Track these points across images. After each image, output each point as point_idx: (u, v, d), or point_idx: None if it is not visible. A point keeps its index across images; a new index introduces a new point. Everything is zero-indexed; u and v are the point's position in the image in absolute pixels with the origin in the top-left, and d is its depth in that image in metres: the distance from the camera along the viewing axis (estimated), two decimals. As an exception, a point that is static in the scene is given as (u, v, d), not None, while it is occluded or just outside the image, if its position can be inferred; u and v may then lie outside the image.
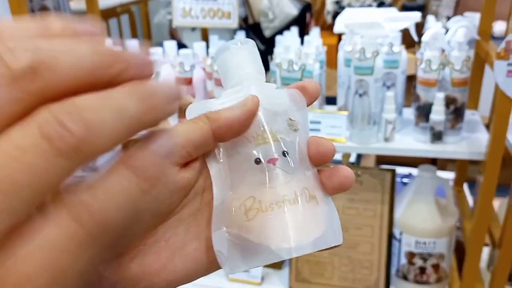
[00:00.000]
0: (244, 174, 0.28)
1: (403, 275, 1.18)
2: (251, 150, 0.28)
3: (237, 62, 0.30)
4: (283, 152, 0.28)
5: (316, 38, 1.14)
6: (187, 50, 1.16)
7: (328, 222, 0.28)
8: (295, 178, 0.28)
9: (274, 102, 0.29)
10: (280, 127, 0.28)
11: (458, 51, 0.98)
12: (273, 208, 0.27)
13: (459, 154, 1.02)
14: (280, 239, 0.26)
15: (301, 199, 0.27)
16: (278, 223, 0.26)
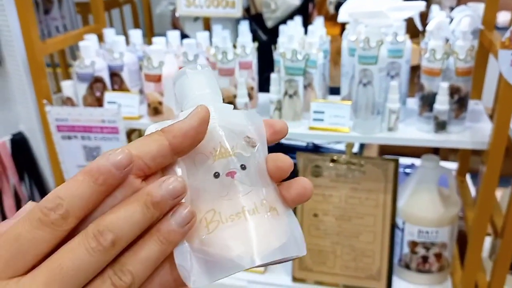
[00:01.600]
0: (204, 188, 0.28)
1: (405, 264, 1.19)
2: (209, 165, 0.29)
3: (193, 85, 0.31)
4: (241, 165, 0.29)
5: (320, 28, 1.14)
6: (190, 40, 1.16)
7: (290, 233, 0.28)
8: (254, 190, 0.28)
9: (231, 121, 0.30)
10: (238, 143, 0.29)
11: (462, 40, 0.97)
12: (233, 219, 0.27)
13: (462, 144, 1.03)
14: (241, 249, 0.27)
15: (261, 209, 0.28)
16: (238, 233, 0.27)
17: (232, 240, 0.27)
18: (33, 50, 1.15)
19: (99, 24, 1.38)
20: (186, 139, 0.28)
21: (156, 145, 0.27)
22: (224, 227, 0.27)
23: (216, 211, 0.28)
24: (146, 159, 0.27)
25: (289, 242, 0.28)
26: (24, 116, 1.31)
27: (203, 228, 0.28)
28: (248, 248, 0.27)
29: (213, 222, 0.27)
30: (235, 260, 0.26)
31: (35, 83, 1.20)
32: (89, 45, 1.15)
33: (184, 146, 0.28)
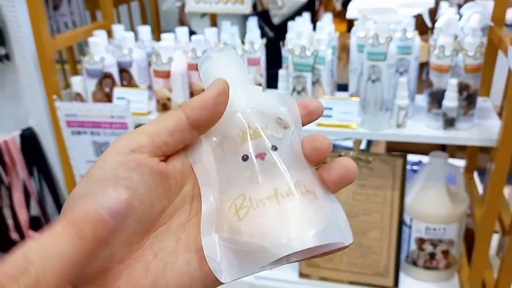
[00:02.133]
0: (233, 173, 0.26)
1: (412, 261, 1.19)
2: (237, 148, 0.27)
3: (219, 69, 0.29)
4: (271, 146, 0.26)
5: (329, 24, 1.14)
6: (199, 36, 1.16)
7: (332, 218, 0.25)
8: (287, 172, 0.26)
9: (261, 102, 0.28)
10: (268, 125, 0.27)
11: (471, 37, 0.97)
12: (264, 204, 0.25)
13: (471, 141, 1.02)
14: (275, 235, 0.24)
15: (296, 192, 0.25)
16: (271, 219, 0.24)
17: (265, 226, 0.24)
18: (43, 45, 1.16)
19: (108, 20, 1.38)
20: (204, 110, 0.26)
21: (173, 120, 0.26)
22: (255, 212, 0.25)
23: (246, 196, 0.25)
24: (163, 135, 0.25)
25: (331, 228, 0.25)
26: (34, 111, 1.32)
27: (233, 216, 0.25)
28: (283, 233, 0.24)
29: (243, 208, 0.25)
30: (269, 248, 0.23)
31: (44, 79, 1.21)
32: (98, 41, 1.15)
33: (202, 118, 0.26)
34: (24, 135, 1.33)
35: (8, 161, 1.31)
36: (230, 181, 0.26)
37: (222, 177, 0.27)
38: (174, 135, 0.26)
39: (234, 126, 0.27)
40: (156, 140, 0.25)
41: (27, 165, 1.35)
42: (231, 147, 0.27)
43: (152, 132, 0.25)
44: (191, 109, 0.26)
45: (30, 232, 1.38)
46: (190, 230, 0.26)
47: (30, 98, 1.30)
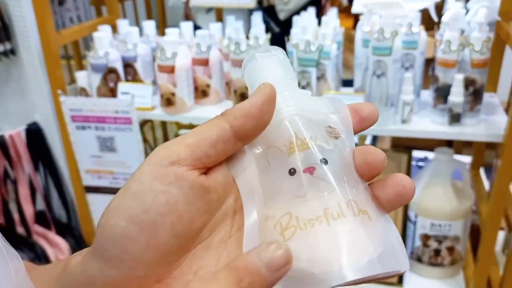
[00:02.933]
0: (278, 187, 0.24)
1: (417, 257, 1.18)
2: (284, 160, 0.24)
3: (264, 71, 0.27)
4: (321, 160, 0.24)
5: (334, 19, 1.14)
6: (203, 31, 1.16)
7: (387, 242, 0.23)
8: (338, 189, 0.23)
9: (309, 109, 0.25)
10: (317, 134, 0.25)
11: (478, 31, 0.96)
12: (313, 225, 0.22)
13: (477, 137, 1.02)
14: (325, 262, 0.22)
15: (348, 212, 0.23)
16: (320, 242, 0.22)
17: (313, 250, 0.22)
18: (48, 40, 1.16)
19: (112, 15, 1.38)
20: (249, 119, 0.24)
21: (215, 129, 0.24)
22: (303, 234, 0.22)
23: (292, 214, 0.23)
24: (204, 147, 0.23)
25: (387, 253, 0.23)
26: (39, 106, 1.32)
27: (278, 235, 0.23)
28: (333, 261, 0.22)
29: (289, 229, 0.23)
30: (318, 275, 0.21)
31: (50, 74, 1.21)
32: (103, 36, 1.15)
33: (247, 128, 0.24)
34: (30, 130, 1.33)
35: (14, 156, 1.32)
36: (276, 197, 0.24)
37: (267, 191, 0.24)
38: (217, 146, 0.24)
39: (281, 136, 0.25)
40: (197, 152, 0.24)
41: (32, 160, 1.36)
42: (277, 159, 0.25)
43: (193, 143, 0.24)
44: (234, 118, 0.24)
45: (35, 226, 1.39)
46: (231, 247, 0.25)
47: (36, 92, 1.30)
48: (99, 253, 0.23)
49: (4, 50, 1.24)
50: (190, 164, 0.23)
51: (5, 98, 1.38)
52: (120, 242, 0.23)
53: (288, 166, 0.24)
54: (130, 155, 1.21)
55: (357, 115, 0.26)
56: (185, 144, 0.24)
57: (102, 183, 1.29)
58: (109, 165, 1.24)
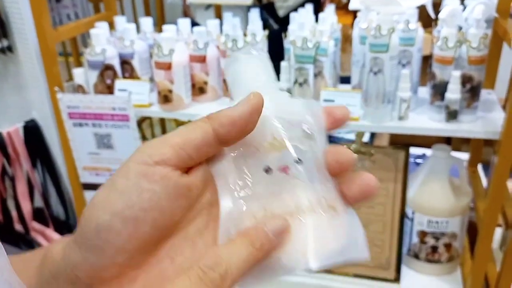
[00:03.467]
0: (254, 184, 0.26)
1: (414, 254, 1.18)
2: (260, 159, 0.26)
3: (247, 72, 0.29)
4: (296, 160, 0.26)
5: (331, 15, 1.13)
6: (201, 28, 1.15)
7: (350, 234, 0.26)
8: (310, 187, 0.26)
9: (287, 110, 0.27)
10: (293, 135, 0.27)
11: (475, 28, 0.96)
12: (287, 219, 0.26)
13: (474, 133, 1.01)
14: (292, 250, 0.25)
15: (318, 209, 0.26)
16: (292, 235, 0.25)
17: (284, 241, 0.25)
18: (45, 37, 1.16)
19: (110, 12, 1.38)
20: (234, 128, 0.25)
21: (200, 133, 0.25)
22: None
23: (267, 209, 0.26)
24: (188, 149, 0.25)
25: (349, 244, 0.26)
26: (37, 103, 1.32)
27: None
28: (303, 250, 0.25)
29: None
30: (286, 263, 0.25)
31: (47, 71, 1.21)
32: (100, 32, 1.15)
33: (231, 136, 0.25)
34: (28, 127, 1.33)
35: (12, 153, 1.32)
36: (251, 193, 0.26)
37: (243, 187, 0.27)
38: (200, 150, 0.26)
39: (259, 136, 0.26)
40: (181, 153, 0.25)
41: (30, 157, 1.36)
42: (254, 157, 0.26)
43: (178, 144, 0.25)
44: (220, 125, 0.25)
45: (33, 223, 1.39)
46: (207, 237, 0.27)
47: (33, 89, 1.30)
48: (81, 242, 0.25)
49: (1, 47, 1.24)
50: (174, 165, 0.25)
51: (3, 95, 1.38)
52: (103, 234, 0.24)
53: (264, 164, 0.26)
54: (127, 152, 1.21)
55: (331, 117, 0.29)
56: (170, 144, 0.25)
57: (99, 180, 1.29)
58: (106, 162, 1.24)
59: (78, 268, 0.25)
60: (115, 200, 0.25)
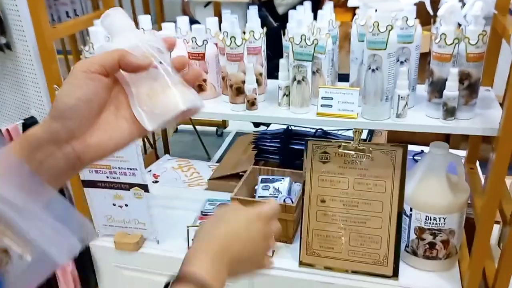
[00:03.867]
0: (143, 78, 0.47)
1: (412, 250, 1.19)
2: None
3: (118, 21, 0.49)
4: (159, 61, 0.47)
5: (330, 13, 1.13)
6: (199, 26, 1.15)
7: (195, 96, 0.49)
8: (170, 75, 0.48)
9: (147, 39, 0.48)
10: (154, 52, 0.48)
11: (474, 25, 0.96)
12: (164, 90, 0.47)
13: (472, 130, 1.02)
14: (175, 102, 0.47)
15: (179, 84, 0.48)
16: (172, 94, 0.47)
17: (169, 99, 0.47)
18: (43, 35, 1.16)
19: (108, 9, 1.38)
20: (129, 67, 0.46)
21: (112, 60, 0.45)
22: (160, 95, 0.47)
23: (153, 89, 0.47)
24: (107, 67, 0.45)
25: (197, 99, 0.49)
26: (36, 101, 1.32)
27: (147, 99, 0.47)
28: (177, 101, 0.47)
29: (153, 95, 0.47)
30: (172, 108, 0.47)
31: (45, 68, 1.21)
32: (98, 30, 1.15)
33: (126, 68, 0.47)
34: (26, 124, 1.33)
35: (11, 150, 1.32)
36: (143, 82, 0.48)
37: (137, 81, 0.48)
38: (113, 68, 0.46)
39: (139, 53, 0.47)
40: (102, 69, 0.45)
41: (29, 154, 1.36)
42: None
43: (102, 64, 0.45)
44: (124, 63, 0.46)
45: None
46: (122, 111, 0.48)
47: (32, 87, 1.30)
48: (58, 116, 0.44)
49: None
50: (100, 73, 0.45)
51: (2, 93, 1.38)
52: (73, 110, 0.44)
53: None
54: (127, 149, 1.21)
55: (167, 43, 0.50)
56: (98, 63, 0.45)
57: (99, 177, 1.29)
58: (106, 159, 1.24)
59: (60, 133, 0.43)
60: (75, 90, 0.44)
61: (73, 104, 0.43)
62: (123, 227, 1.36)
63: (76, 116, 0.44)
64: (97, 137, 0.45)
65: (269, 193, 1.36)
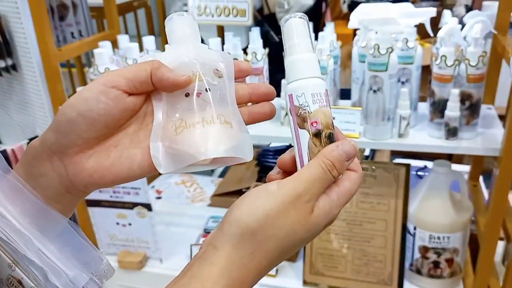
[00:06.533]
0: (177, 104, 0.38)
1: (416, 269, 1.18)
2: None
3: (178, 28, 0.41)
4: (206, 88, 0.38)
5: (331, 34, 1.14)
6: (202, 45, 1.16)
7: (239, 142, 0.38)
8: (214, 108, 0.38)
9: (204, 56, 0.39)
10: (206, 73, 0.39)
11: (474, 47, 0.97)
12: (194, 126, 0.38)
13: (474, 150, 1.02)
14: (197, 145, 0.37)
15: (216, 121, 0.38)
16: (197, 135, 0.37)
17: (192, 139, 0.37)
18: (49, 57, 1.17)
19: (113, 30, 1.40)
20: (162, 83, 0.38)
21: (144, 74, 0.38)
22: (187, 131, 0.38)
23: (183, 120, 0.38)
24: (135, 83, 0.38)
25: (236, 148, 0.38)
26: (41, 120, 1.34)
27: (173, 131, 0.38)
28: (203, 146, 0.37)
29: (180, 127, 0.38)
30: (192, 153, 0.37)
31: (50, 89, 1.22)
32: (103, 52, 1.16)
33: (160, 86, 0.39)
34: (32, 144, 1.34)
35: (16, 170, 1.33)
36: (174, 109, 0.39)
37: (170, 105, 0.39)
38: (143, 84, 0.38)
39: (182, 71, 0.38)
40: (130, 84, 0.38)
41: (34, 174, 1.37)
42: None
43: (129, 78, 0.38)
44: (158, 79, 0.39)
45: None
46: (141, 135, 0.40)
47: (37, 107, 1.32)
48: (56, 129, 0.38)
49: (5, 65, 1.26)
50: (123, 90, 0.38)
51: (8, 112, 1.40)
52: (70, 124, 0.37)
53: (185, 91, 0.39)
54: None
55: (238, 67, 0.41)
56: (123, 76, 0.38)
57: (102, 196, 1.30)
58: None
59: (52, 146, 0.38)
60: (80, 103, 0.37)
61: (71, 118, 0.37)
62: (127, 245, 1.37)
63: (71, 132, 0.37)
64: (96, 161, 0.38)
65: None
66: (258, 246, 0.35)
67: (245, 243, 0.35)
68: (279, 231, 0.36)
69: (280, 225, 0.36)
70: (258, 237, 0.35)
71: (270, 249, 0.36)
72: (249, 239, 0.35)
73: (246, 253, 0.35)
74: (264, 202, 0.36)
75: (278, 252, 0.36)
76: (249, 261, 0.36)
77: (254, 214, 0.35)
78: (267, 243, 0.36)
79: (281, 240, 0.36)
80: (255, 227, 0.35)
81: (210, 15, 1.14)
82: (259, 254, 0.36)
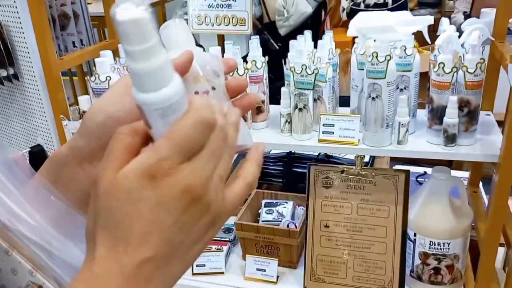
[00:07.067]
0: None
1: (417, 276, 1.19)
2: (192, 87, 0.42)
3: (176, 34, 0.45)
4: (212, 87, 0.43)
5: (329, 42, 1.15)
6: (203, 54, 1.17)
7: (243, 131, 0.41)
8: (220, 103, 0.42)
9: (204, 59, 0.43)
10: (208, 74, 0.43)
11: (472, 54, 0.98)
12: None
13: (472, 157, 1.03)
14: None
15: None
16: None
17: None
18: (50, 66, 1.19)
19: (114, 39, 1.41)
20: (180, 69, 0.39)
21: None
22: None
23: None
24: None
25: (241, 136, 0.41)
26: (42, 129, 1.34)
27: None
28: None
29: None
30: None
31: (52, 98, 1.23)
32: (104, 61, 1.18)
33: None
34: (33, 152, 1.35)
35: (18, 178, 1.34)
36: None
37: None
38: None
39: (191, 74, 0.42)
40: None
41: (36, 182, 1.38)
42: (189, 86, 0.42)
43: None
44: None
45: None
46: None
47: (38, 116, 1.33)
48: (86, 134, 0.40)
49: (7, 75, 1.27)
50: None
51: (9, 121, 1.41)
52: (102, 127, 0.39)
53: (194, 90, 0.42)
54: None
55: (226, 64, 0.44)
56: None
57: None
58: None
59: (83, 150, 0.39)
60: (106, 106, 0.39)
61: (100, 121, 0.38)
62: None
63: (103, 134, 0.38)
64: None
65: (272, 217, 1.36)
66: None
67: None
68: None
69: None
70: None
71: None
72: None
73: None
74: None
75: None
76: None
77: None
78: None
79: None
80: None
81: (210, 24, 1.15)
82: None
